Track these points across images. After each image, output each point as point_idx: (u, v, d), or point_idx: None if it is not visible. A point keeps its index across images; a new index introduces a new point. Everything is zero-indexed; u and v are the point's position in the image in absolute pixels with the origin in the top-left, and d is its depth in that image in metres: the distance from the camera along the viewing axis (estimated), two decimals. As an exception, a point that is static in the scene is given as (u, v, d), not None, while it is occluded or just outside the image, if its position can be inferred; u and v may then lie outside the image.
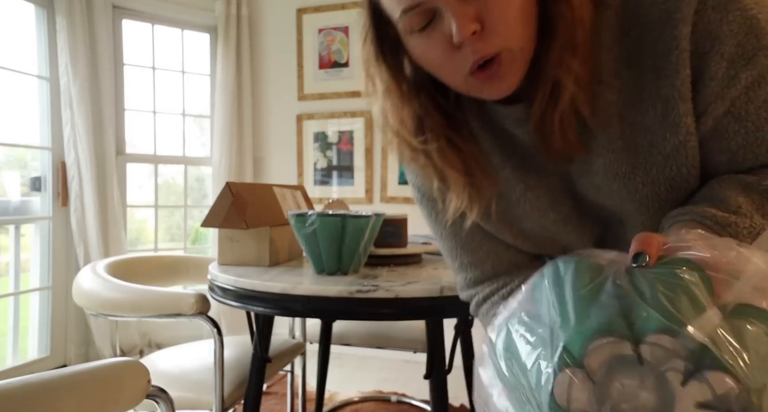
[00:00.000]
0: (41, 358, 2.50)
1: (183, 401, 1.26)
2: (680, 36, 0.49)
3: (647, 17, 0.51)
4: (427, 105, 0.61)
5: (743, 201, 0.50)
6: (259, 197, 1.38)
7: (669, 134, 0.52)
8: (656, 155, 0.54)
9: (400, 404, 2.22)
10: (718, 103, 0.50)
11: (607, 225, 0.64)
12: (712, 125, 0.52)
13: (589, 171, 0.59)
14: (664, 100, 0.52)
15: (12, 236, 2.46)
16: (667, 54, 0.50)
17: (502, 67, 0.52)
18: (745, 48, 0.48)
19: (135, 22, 2.86)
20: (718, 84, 0.49)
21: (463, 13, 0.49)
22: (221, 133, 2.92)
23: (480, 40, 0.50)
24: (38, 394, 0.58)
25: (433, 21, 0.52)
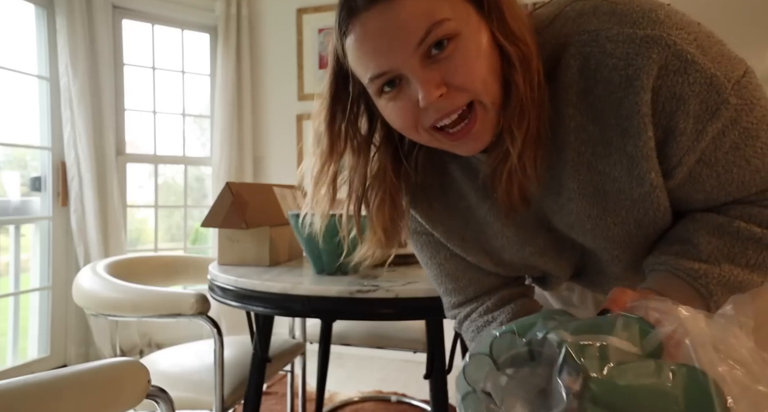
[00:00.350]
0: (41, 358, 2.50)
1: (183, 401, 1.26)
2: (641, 102, 0.51)
3: (608, 80, 0.53)
4: (383, 163, 0.64)
5: (714, 246, 0.56)
6: (259, 197, 1.38)
7: (635, 185, 0.56)
8: (624, 200, 0.58)
9: (400, 404, 2.22)
10: (690, 155, 0.54)
11: (584, 253, 0.68)
12: (687, 173, 0.55)
13: (562, 211, 0.62)
14: (629, 157, 0.55)
15: (12, 236, 2.46)
16: (629, 117, 0.53)
17: (477, 125, 0.54)
18: (708, 104, 0.51)
19: (135, 22, 2.86)
20: (688, 138, 0.53)
21: (427, 78, 0.51)
22: (221, 133, 2.92)
23: (446, 99, 0.52)
24: (38, 394, 0.58)
25: (401, 85, 0.54)
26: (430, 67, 0.52)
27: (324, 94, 0.62)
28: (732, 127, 0.52)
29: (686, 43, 0.50)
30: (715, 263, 0.55)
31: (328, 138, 0.63)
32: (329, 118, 0.62)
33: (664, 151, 0.54)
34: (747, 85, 0.52)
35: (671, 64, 0.50)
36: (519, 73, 0.53)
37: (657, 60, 0.50)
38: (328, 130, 0.62)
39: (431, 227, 0.72)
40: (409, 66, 0.52)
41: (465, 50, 0.51)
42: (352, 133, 0.62)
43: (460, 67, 0.51)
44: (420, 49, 0.51)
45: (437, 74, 0.52)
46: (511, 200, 0.59)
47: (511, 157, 0.56)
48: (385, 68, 0.53)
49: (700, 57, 0.50)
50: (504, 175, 0.57)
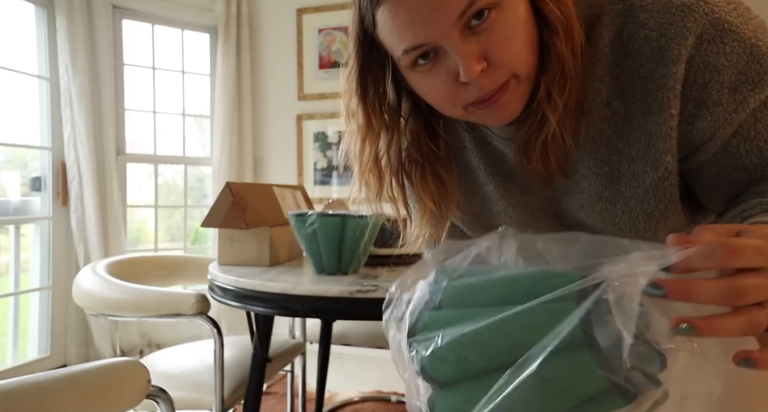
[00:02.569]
0: (41, 358, 2.50)
1: (183, 401, 1.26)
2: (669, 74, 0.50)
3: (640, 52, 0.51)
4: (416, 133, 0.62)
5: None
6: (259, 197, 1.38)
7: (649, 169, 0.54)
8: (636, 188, 0.56)
9: (400, 404, 2.22)
10: (725, 128, 0.51)
11: None
12: (722, 147, 0.52)
13: (575, 189, 0.61)
14: (648, 135, 0.53)
15: (12, 236, 2.46)
16: (655, 91, 0.51)
17: (506, 94, 0.52)
18: (749, 74, 0.49)
19: (135, 22, 2.86)
20: (724, 109, 0.50)
21: (468, 51, 0.48)
22: (221, 133, 2.92)
23: (486, 76, 0.50)
24: (38, 394, 0.58)
25: (437, 57, 0.51)
26: (470, 40, 0.48)
27: (350, 67, 0.58)
28: None
29: (725, 12, 0.48)
30: None
31: (363, 112, 0.59)
32: (361, 92, 0.59)
33: (696, 125, 0.51)
34: None
35: (707, 33, 0.48)
36: (560, 38, 0.51)
37: (693, 29, 0.48)
38: (362, 103, 0.59)
39: None
40: (449, 38, 0.48)
41: (505, 21, 0.49)
42: (384, 105, 0.60)
43: (501, 40, 0.49)
44: (460, 22, 0.48)
45: (477, 47, 0.49)
46: (548, 170, 0.56)
47: (548, 124, 0.53)
48: (423, 40, 0.49)
49: (740, 26, 0.48)
50: (538, 144, 0.55)
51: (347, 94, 0.60)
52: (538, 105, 0.53)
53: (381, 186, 0.63)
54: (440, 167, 0.63)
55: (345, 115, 0.62)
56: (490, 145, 0.65)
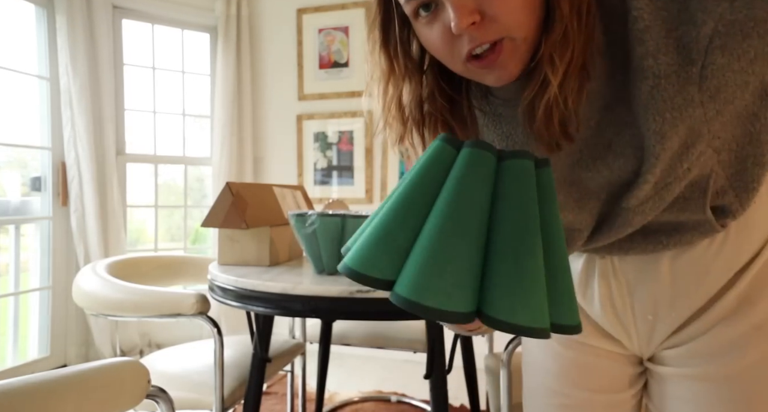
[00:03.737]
0: (41, 358, 2.50)
1: (183, 401, 1.26)
2: (639, 6, 0.48)
3: (613, 7, 0.51)
4: (432, 86, 0.62)
5: None
6: (259, 197, 1.38)
7: (638, 81, 0.51)
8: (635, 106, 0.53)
9: (400, 404, 2.22)
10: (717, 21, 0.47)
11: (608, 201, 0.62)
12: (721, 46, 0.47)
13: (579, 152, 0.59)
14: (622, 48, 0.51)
15: (12, 236, 2.46)
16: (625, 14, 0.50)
17: (502, 55, 0.52)
18: None
19: (135, 22, 2.86)
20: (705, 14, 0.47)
21: (461, 3, 0.49)
22: (221, 133, 2.93)
23: (478, 28, 0.50)
24: (38, 394, 0.58)
25: (437, 10, 0.52)
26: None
27: (373, 17, 0.60)
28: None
29: None
30: None
31: (386, 58, 0.60)
32: (383, 40, 0.60)
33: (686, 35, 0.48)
34: None
35: None
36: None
37: None
38: (385, 50, 0.60)
39: None
40: None
41: None
42: (406, 54, 0.60)
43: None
44: None
45: (472, 1, 0.49)
46: (551, 134, 0.55)
47: (550, 87, 0.52)
48: None
49: None
50: (541, 107, 0.54)
51: (371, 42, 0.61)
52: (540, 67, 0.52)
53: (404, 130, 0.63)
54: (455, 122, 0.63)
55: (370, 63, 0.62)
56: (501, 117, 0.64)
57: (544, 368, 0.77)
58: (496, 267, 0.42)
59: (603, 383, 0.73)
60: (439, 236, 0.41)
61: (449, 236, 0.41)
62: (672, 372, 0.67)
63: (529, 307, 0.41)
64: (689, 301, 0.64)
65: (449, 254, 0.41)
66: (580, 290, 0.73)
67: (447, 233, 0.41)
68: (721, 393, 0.62)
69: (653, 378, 0.71)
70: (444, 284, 0.41)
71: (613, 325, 0.71)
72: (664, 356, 0.68)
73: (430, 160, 0.45)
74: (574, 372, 0.74)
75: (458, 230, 0.41)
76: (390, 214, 0.44)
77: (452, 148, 0.45)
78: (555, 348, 0.76)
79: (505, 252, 0.42)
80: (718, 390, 0.63)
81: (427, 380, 1.17)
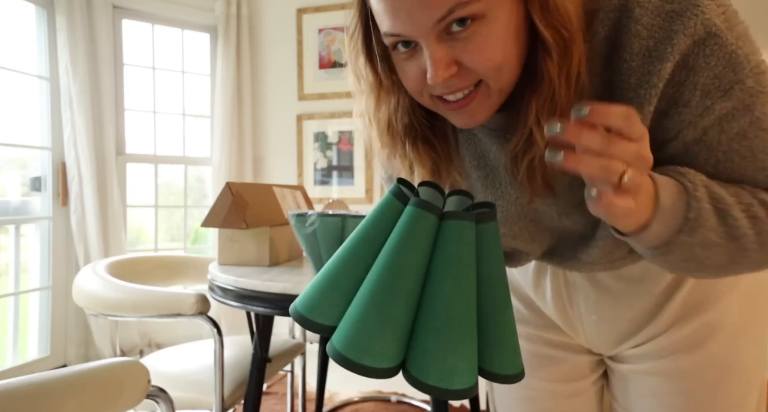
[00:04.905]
0: (41, 358, 2.50)
1: (183, 401, 1.26)
2: (654, 71, 0.49)
3: (628, 47, 0.50)
4: (412, 102, 0.61)
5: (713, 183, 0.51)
6: (259, 197, 1.38)
7: None
8: None
9: (400, 404, 2.22)
10: (689, 130, 0.51)
11: (560, 236, 0.66)
12: (682, 150, 0.52)
13: (556, 201, 0.60)
14: None
15: (12, 236, 2.46)
16: (637, 88, 0.50)
17: (473, 102, 0.52)
18: (722, 80, 0.49)
19: (135, 22, 2.86)
20: (691, 112, 0.50)
21: (439, 57, 0.48)
22: (221, 133, 2.93)
23: (455, 78, 0.50)
24: (38, 394, 0.58)
25: (416, 48, 0.51)
26: (446, 44, 0.49)
27: (354, 27, 0.58)
28: (743, 112, 0.49)
29: (714, 14, 0.48)
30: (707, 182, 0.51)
31: (371, 70, 0.59)
32: (366, 51, 0.58)
33: (662, 123, 0.51)
34: (765, 71, 0.49)
35: (696, 35, 0.48)
36: (554, 63, 0.49)
37: (682, 31, 0.48)
38: (369, 62, 0.59)
39: None
40: (426, 38, 0.48)
41: (486, 34, 0.48)
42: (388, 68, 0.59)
43: (477, 51, 0.48)
44: (439, 26, 0.47)
45: (451, 52, 0.49)
46: (534, 188, 0.56)
47: (536, 146, 0.52)
48: (402, 32, 0.49)
49: (724, 31, 0.48)
50: (525, 163, 0.54)
51: (353, 53, 0.60)
52: (526, 125, 0.52)
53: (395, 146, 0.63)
54: (436, 139, 0.63)
55: (354, 75, 0.61)
56: (476, 137, 0.64)
57: None
58: (424, 329, 0.43)
59: (563, 372, 0.77)
60: (376, 294, 0.42)
61: (386, 295, 0.42)
62: (631, 369, 0.71)
63: (445, 370, 0.42)
64: (632, 302, 0.68)
65: (384, 315, 0.42)
66: (533, 287, 0.77)
67: (384, 292, 0.42)
68: (675, 386, 0.66)
69: (615, 376, 0.75)
70: (377, 344, 0.42)
71: (563, 320, 0.74)
72: (625, 355, 0.71)
73: (380, 211, 0.46)
74: (535, 364, 0.77)
75: (395, 290, 0.42)
76: (338, 262, 0.45)
77: (400, 202, 0.46)
78: None
79: (435, 315, 0.43)
80: (673, 384, 0.66)
81: (427, 380, 1.16)
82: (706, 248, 0.49)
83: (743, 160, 0.51)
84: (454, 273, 0.43)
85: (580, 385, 0.77)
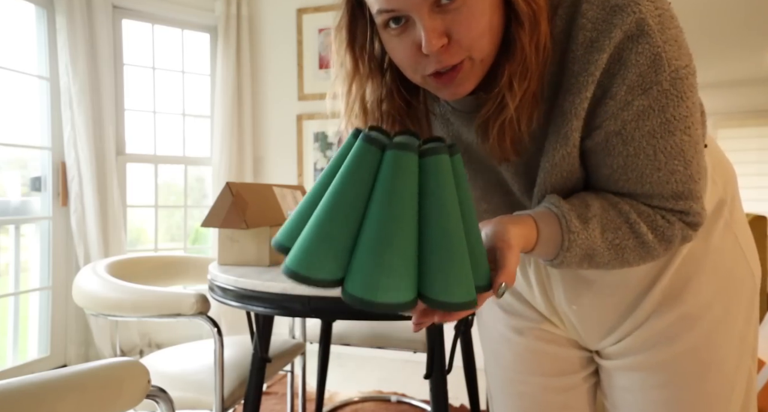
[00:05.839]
0: (41, 358, 2.50)
1: (183, 401, 1.26)
2: (592, 61, 0.54)
3: (575, 39, 0.56)
4: (391, 87, 0.65)
5: (600, 213, 0.59)
6: (259, 197, 1.38)
7: (559, 145, 0.59)
8: (545, 163, 0.61)
9: (400, 404, 2.22)
10: (611, 121, 0.56)
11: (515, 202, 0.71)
12: (604, 139, 0.58)
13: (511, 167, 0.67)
14: (563, 114, 0.58)
15: (12, 236, 2.46)
16: (578, 74, 0.56)
17: (460, 74, 0.57)
18: (645, 79, 0.54)
19: (135, 22, 2.86)
20: (615, 104, 0.55)
21: (433, 26, 0.53)
22: (221, 133, 2.92)
23: (446, 52, 0.55)
24: (38, 394, 0.58)
25: (407, 25, 0.55)
26: (437, 16, 0.53)
27: (340, 16, 0.63)
28: (657, 112, 0.55)
29: (650, 15, 0.53)
30: (590, 220, 0.59)
31: (351, 58, 0.64)
32: (350, 39, 0.63)
33: (595, 110, 0.57)
34: (685, 77, 0.54)
35: (630, 31, 0.53)
36: (526, 33, 0.55)
37: (619, 25, 0.53)
38: (350, 50, 0.64)
39: None
40: (419, 11, 0.53)
41: (473, 5, 0.53)
42: (370, 54, 0.64)
43: (465, 22, 0.53)
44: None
45: (442, 24, 0.53)
46: (503, 151, 0.61)
47: (507, 109, 0.57)
48: (395, 6, 0.54)
49: (656, 32, 0.53)
50: (496, 126, 0.59)
51: (337, 41, 0.65)
52: (500, 91, 0.57)
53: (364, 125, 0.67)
54: (411, 123, 0.68)
55: (335, 62, 0.66)
56: (449, 122, 0.69)
57: (500, 358, 0.82)
58: (429, 254, 0.47)
59: (554, 367, 0.78)
60: (382, 237, 0.45)
61: (391, 236, 0.45)
62: (614, 365, 0.73)
63: (462, 285, 0.47)
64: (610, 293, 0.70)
65: (394, 253, 0.45)
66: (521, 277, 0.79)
67: (389, 233, 0.46)
68: (656, 380, 0.68)
69: (603, 372, 0.77)
70: (393, 279, 0.45)
71: (549, 311, 0.76)
72: (609, 351, 0.73)
73: (356, 160, 0.48)
74: (527, 358, 0.79)
75: (398, 230, 0.46)
76: (326, 215, 0.47)
77: (377, 148, 0.48)
78: (508, 336, 0.80)
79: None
80: (653, 377, 0.68)
81: (427, 380, 1.17)
82: (589, 258, 0.60)
83: (646, 159, 0.57)
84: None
85: (571, 380, 0.78)
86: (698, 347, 0.66)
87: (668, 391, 0.67)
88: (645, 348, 0.68)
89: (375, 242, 0.46)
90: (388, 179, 0.47)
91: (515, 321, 0.79)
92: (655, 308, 0.67)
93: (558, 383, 0.78)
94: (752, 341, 0.70)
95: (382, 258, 0.45)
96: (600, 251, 0.59)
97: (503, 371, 0.81)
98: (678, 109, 0.54)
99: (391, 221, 0.46)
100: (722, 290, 0.67)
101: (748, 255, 0.70)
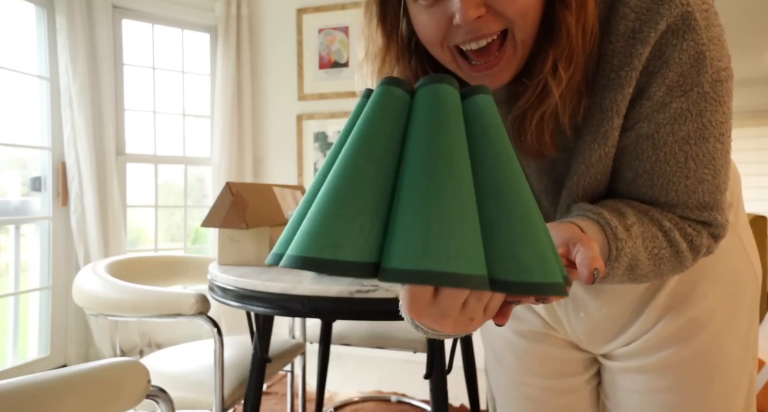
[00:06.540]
0: (41, 358, 2.50)
1: (183, 401, 1.26)
2: (635, 54, 0.51)
3: (615, 29, 0.52)
4: (416, 70, 0.61)
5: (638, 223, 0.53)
6: (259, 197, 1.38)
7: (597, 145, 0.55)
8: (578, 164, 0.57)
9: (400, 404, 2.22)
10: (644, 123, 0.53)
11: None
12: (633, 142, 0.54)
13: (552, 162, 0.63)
14: (602, 111, 0.54)
15: (12, 236, 2.46)
16: (619, 69, 0.52)
17: (503, 60, 0.53)
18: (686, 79, 0.50)
19: (135, 22, 2.86)
20: (651, 105, 0.52)
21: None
22: (221, 133, 2.92)
23: (482, 21, 0.50)
24: (38, 394, 0.58)
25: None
26: None
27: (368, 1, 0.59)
28: (694, 117, 0.51)
29: (697, 9, 0.49)
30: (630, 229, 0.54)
31: (383, 35, 0.60)
32: (380, 14, 0.59)
33: (628, 111, 0.54)
34: (725, 80, 0.51)
35: (675, 24, 0.49)
36: (572, 13, 0.50)
37: (665, 16, 0.49)
38: (381, 25, 0.59)
39: None
40: None
41: None
42: (399, 32, 0.59)
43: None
44: None
45: None
46: (541, 146, 0.56)
47: (550, 97, 0.53)
48: None
49: (702, 28, 0.49)
50: (536, 118, 0.54)
51: (367, 16, 0.60)
52: (543, 77, 0.53)
53: None
54: None
55: (365, 38, 0.62)
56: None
57: (503, 360, 0.81)
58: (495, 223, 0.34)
59: (558, 369, 0.77)
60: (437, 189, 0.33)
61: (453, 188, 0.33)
62: (619, 366, 0.72)
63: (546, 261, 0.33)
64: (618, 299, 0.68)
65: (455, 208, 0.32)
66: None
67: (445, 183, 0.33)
68: (662, 383, 0.67)
69: (606, 373, 0.76)
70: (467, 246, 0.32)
71: (551, 317, 0.75)
72: (615, 353, 0.73)
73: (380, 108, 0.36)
74: (530, 361, 0.78)
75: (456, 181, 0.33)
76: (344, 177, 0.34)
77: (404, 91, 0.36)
78: (510, 339, 0.80)
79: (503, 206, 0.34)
80: (660, 380, 0.67)
81: (427, 380, 1.17)
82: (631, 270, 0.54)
83: (676, 165, 0.53)
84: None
85: (573, 382, 0.78)
86: (706, 350, 0.66)
87: (675, 393, 0.67)
88: (652, 352, 0.68)
89: (428, 196, 0.32)
90: (430, 116, 0.34)
91: (518, 325, 0.79)
92: (663, 313, 0.66)
93: (561, 385, 0.78)
94: (754, 342, 0.70)
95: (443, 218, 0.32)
96: (642, 261, 0.53)
97: (507, 373, 0.81)
98: (715, 115, 0.51)
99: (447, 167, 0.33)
100: (728, 293, 0.66)
101: (752, 256, 0.69)
